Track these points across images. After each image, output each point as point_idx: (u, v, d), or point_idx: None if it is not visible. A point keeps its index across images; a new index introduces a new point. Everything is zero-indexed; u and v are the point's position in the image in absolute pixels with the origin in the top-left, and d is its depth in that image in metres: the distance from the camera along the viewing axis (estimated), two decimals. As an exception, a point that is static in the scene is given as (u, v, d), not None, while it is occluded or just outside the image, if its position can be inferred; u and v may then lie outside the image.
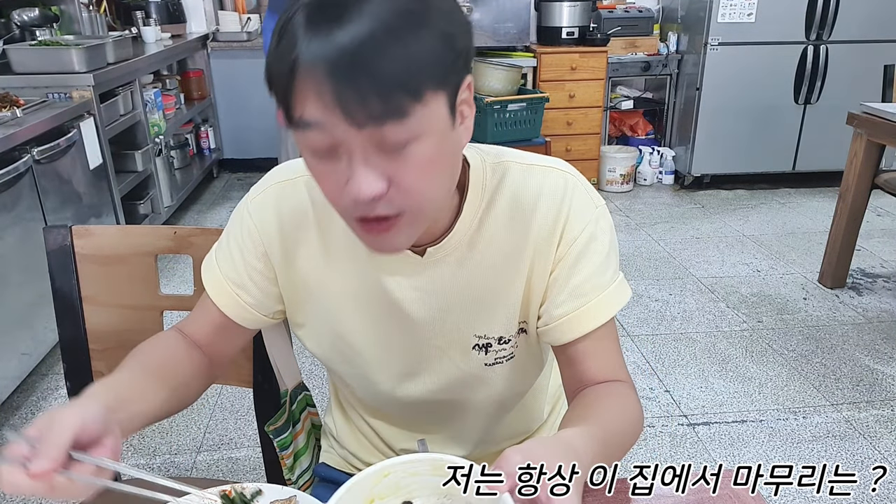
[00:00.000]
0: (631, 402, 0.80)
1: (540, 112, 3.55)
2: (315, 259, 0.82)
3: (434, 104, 0.60)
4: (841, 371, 2.37)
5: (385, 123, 0.58)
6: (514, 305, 0.81)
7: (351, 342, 0.85)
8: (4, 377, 2.09)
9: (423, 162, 0.62)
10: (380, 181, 0.61)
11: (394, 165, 0.61)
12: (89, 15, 3.39)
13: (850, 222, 2.85)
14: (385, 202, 0.63)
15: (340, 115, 0.57)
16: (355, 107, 0.57)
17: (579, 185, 0.79)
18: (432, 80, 0.59)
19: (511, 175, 0.79)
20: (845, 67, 3.94)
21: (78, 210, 2.56)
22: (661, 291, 2.96)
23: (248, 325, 0.87)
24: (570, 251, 0.78)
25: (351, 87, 0.56)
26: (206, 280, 0.85)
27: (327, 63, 0.56)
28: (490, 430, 0.96)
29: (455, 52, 0.61)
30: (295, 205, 0.81)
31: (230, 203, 4.14)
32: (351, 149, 0.60)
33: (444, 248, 0.78)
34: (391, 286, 0.80)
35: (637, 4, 4.42)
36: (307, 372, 2.36)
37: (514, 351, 0.85)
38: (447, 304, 0.81)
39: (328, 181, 0.64)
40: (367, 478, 0.64)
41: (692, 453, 1.99)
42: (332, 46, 0.56)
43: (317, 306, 0.84)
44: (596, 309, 0.79)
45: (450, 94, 0.62)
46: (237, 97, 4.40)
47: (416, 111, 0.59)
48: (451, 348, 0.83)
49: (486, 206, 0.78)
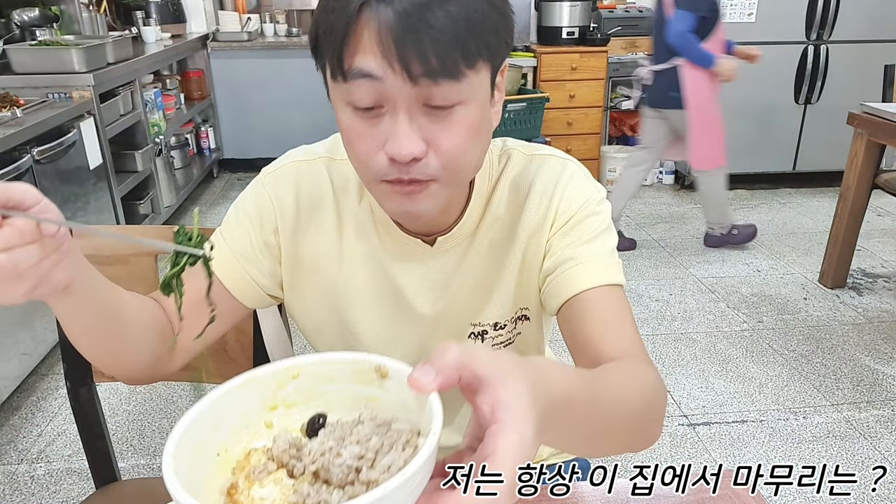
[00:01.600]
0: (648, 370, 0.67)
1: (540, 112, 3.55)
2: (328, 242, 0.81)
3: (483, 74, 0.63)
4: (841, 371, 2.37)
5: (440, 82, 0.59)
6: (508, 290, 0.81)
7: (356, 331, 0.84)
8: (4, 377, 2.09)
9: (465, 127, 0.63)
10: (421, 142, 0.62)
11: (437, 128, 0.62)
12: (89, 15, 3.39)
13: (850, 222, 2.85)
14: (421, 165, 0.63)
15: (399, 67, 0.58)
16: (415, 60, 0.58)
17: (578, 172, 0.79)
18: (486, 50, 0.61)
19: (512, 162, 0.80)
20: (846, 67, 3.94)
21: (78, 210, 2.56)
22: (662, 291, 2.96)
23: (248, 304, 0.82)
24: (565, 226, 0.77)
25: (415, 40, 0.57)
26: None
27: (395, 12, 0.57)
28: None
29: (509, 29, 0.64)
30: (314, 184, 0.80)
31: (230, 203, 4.10)
32: (397, 104, 0.61)
33: (454, 237, 0.78)
34: (399, 275, 0.80)
35: (637, 4, 4.42)
36: (307, 372, 2.35)
37: (511, 337, 0.85)
38: (448, 294, 0.81)
39: (364, 141, 0.64)
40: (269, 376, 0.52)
41: (692, 453, 1.99)
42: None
43: (323, 292, 0.83)
44: (591, 267, 0.74)
45: (494, 69, 0.65)
46: (237, 97, 4.40)
47: (469, 76, 0.61)
48: (450, 338, 0.83)
49: (490, 194, 0.79)
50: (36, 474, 1.92)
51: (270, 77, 4.30)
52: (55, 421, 2.14)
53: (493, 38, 0.62)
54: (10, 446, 2.03)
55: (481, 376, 0.42)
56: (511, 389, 0.41)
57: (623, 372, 0.65)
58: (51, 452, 2.00)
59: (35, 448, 2.02)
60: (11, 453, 2.00)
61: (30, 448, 2.02)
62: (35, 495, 1.85)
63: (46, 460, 1.97)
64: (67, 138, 2.45)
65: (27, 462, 1.97)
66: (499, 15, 0.62)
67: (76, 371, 1.08)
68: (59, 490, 1.86)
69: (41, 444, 2.04)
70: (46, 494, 1.85)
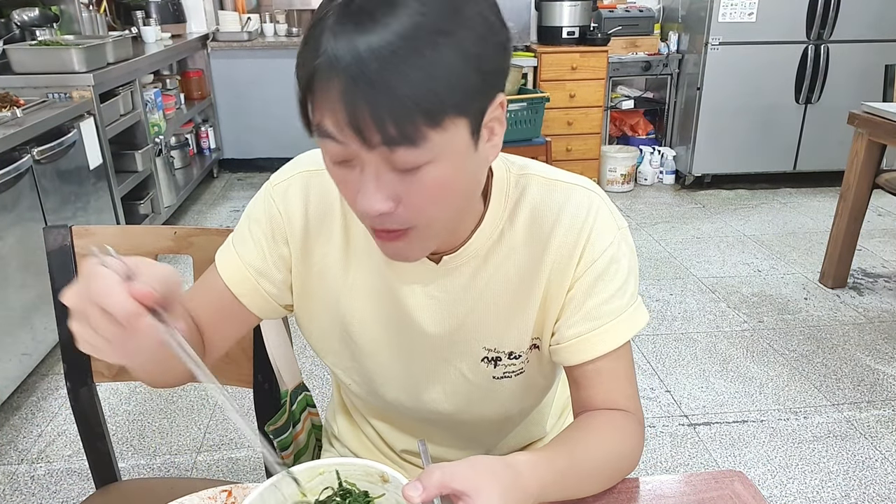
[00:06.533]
0: (627, 435, 0.77)
1: (540, 112, 3.54)
2: (335, 254, 0.80)
3: (453, 130, 0.58)
4: (842, 371, 2.37)
5: (397, 148, 0.56)
6: (528, 322, 0.80)
7: (359, 342, 0.84)
8: (4, 377, 2.09)
9: (435, 185, 0.60)
10: (387, 200, 0.60)
11: (404, 185, 0.60)
12: (89, 15, 3.39)
13: (851, 222, 2.85)
14: (394, 218, 0.62)
15: (352, 135, 0.56)
16: (370, 128, 0.55)
17: (604, 206, 0.77)
18: (453, 107, 0.57)
19: (533, 189, 0.77)
20: (846, 67, 3.94)
21: (78, 210, 2.55)
22: (662, 291, 2.96)
23: (261, 315, 0.84)
24: (589, 272, 0.76)
25: (365, 108, 0.54)
26: (223, 267, 0.81)
27: (349, 77, 0.54)
28: (494, 441, 0.96)
29: (481, 75, 0.58)
30: (322, 196, 0.79)
31: (230, 203, 4.14)
32: (364, 164, 0.59)
33: (461, 257, 0.76)
34: (405, 292, 0.79)
35: (638, 4, 4.42)
36: (307, 372, 2.35)
37: (524, 367, 0.83)
38: (458, 314, 0.79)
39: (343, 187, 0.64)
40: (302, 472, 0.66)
41: (693, 453, 1.99)
42: (351, 60, 0.54)
43: (328, 302, 0.83)
44: (608, 333, 0.76)
45: (473, 118, 0.60)
46: (237, 97, 4.40)
47: (432, 137, 0.57)
48: (460, 359, 0.82)
49: (507, 219, 0.76)
50: (36, 474, 1.92)
51: (270, 77, 4.30)
52: (55, 421, 2.14)
53: (462, 94, 0.57)
54: (10, 446, 2.03)
55: (459, 491, 0.57)
56: (482, 499, 0.57)
57: (608, 439, 0.75)
58: (51, 452, 2.00)
59: (35, 448, 2.02)
60: (11, 453, 2.00)
61: (30, 448, 2.02)
62: (35, 495, 1.85)
63: (46, 460, 1.97)
64: (67, 138, 2.45)
65: (27, 462, 1.97)
66: (470, 65, 0.56)
67: (76, 371, 1.08)
68: (59, 490, 1.86)
69: (41, 444, 2.04)
70: (46, 494, 1.85)
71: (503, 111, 0.64)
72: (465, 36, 0.56)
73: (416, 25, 0.54)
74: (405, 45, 0.54)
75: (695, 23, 4.03)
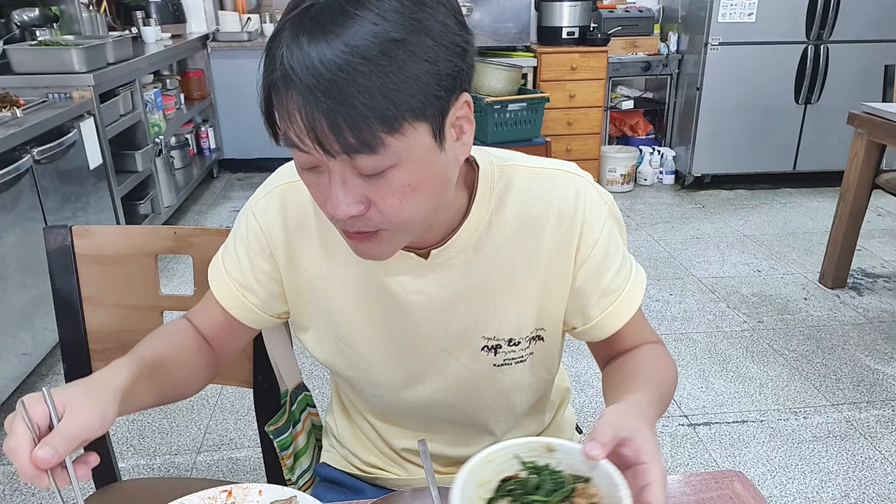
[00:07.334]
0: (664, 357, 0.85)
1: (540, 112, 3.55)
2: (317, 261, 0.81)
3: (413, 134, 0.59)
4: (842, 371, 2.37)
5: (357, 156, 0.58)
6: (527, 310, 0.81)
7: (354, 346, 0.84)
8: (4, 377, 2.09)
9: (402, 187, 0.61)
10: (356, 204, 0.61)
11: (372, 188, 0.61)
12: (89, 15, 3.39)
13: (850, 222, 2.85)
14: (363, 220, 0.63)
15: (313, 145, 0.58)
16: (329, 138, 0.57)
17: (590, 188, 0.79)
18: (410, 112, 0.57)
19: (518, 178, 0.78)
20: (846, 67, 3.94)
21: (78, 210, 2.56)
22: (662, 291, 2.96)
23: (254, 326, 0.88)
24: (594, 254, 0.79)
25: (322, 119, 0.56)
26: (212, 281, 0.85)
27: (306, 87, 0.55)
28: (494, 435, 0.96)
29: (438, 79, 0.58)
30: (298, 206, 0.81)
31: (230, 203, 4.14)
32: (330, 170, 0.61)
33: (449, 250, 0.77)
34: (394, 289, 0.79)
35: (637, 4, 4.42)
36: (307, 372, 2.35)
37: (524, 355, 0.84)
38: (452, 306, 0.80)
39: (314, 191, 0.65)
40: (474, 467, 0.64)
41: (693, 453, 1.99)
42: (306, 73, 0.55)
43: (320, 309, 0.84)
44: (628, 299, 0.82)
45: (434, 121, 0.60)
46: (237, 97, 4.39)
47: (392, 143, 0.58)
48: (459, 349, 0.83)
49: (494, 210, 0.77)
50: (36, 474, 1.92)
51: (270, 77, 4.29)
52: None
53: (419, 100, 0.57)
54: (10, 446, 2.03)
55: (625, 437, 0.61)
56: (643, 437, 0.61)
57: (659, 363, 0.84)
58: (51, 452, 2.00)
59: (35, 448, 2.02)
60: (11, 453, 2.00)
61: (30, 448, 2.02)
62: (35, 495, 1.85)
63: (46, 460, 1.97)
64: (67, 138, 2.45)
65: (27, 462, 1.96)
66: (426, 70, 0.57)
67: (76, 371, 1.08)
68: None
69: (41, 444, 2.04)
70: (46, 494, 1.85)
71: (470, 109, 0.65)
72: (421, 42, 0.57)
73: (371, 35, 0.55)
74: (359, 56, 0.54)
75: (694, 23, 4.03)
